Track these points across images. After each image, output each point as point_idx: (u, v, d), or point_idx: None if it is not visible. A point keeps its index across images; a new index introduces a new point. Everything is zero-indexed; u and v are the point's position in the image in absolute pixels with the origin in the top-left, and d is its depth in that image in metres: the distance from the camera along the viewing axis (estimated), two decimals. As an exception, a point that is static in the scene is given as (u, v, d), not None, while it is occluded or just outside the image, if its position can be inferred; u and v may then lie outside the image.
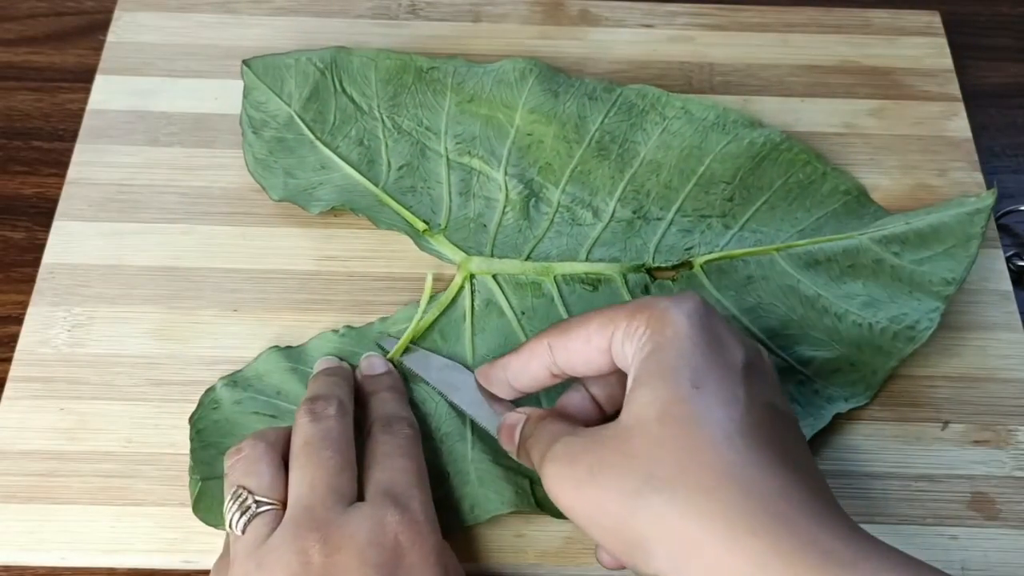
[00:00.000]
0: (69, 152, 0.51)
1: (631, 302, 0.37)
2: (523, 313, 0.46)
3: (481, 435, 0.42)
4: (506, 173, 0.49)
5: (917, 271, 0.45)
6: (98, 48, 0.55)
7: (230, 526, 0.36)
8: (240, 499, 0.36)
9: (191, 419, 0.42)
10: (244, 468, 0.37)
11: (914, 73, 0.56)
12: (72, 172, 0.50)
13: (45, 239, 0.48)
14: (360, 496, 0.37)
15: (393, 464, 0.38)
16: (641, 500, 0.31)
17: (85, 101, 0.53)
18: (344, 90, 0.51)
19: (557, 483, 0.34)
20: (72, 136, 0.52)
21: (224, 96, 0.52)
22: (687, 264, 0.47)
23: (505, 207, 0.48)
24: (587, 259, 0.47)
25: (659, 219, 0.48)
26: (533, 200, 0.49)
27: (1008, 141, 0.56)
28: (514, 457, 0.39)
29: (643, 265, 0.47)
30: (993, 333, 0.47)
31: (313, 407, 0.39)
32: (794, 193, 0.49)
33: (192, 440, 0.42)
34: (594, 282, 0.47)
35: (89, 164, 0.51)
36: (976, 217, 0.45)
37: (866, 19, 0.58)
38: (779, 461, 0.32)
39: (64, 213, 0.49)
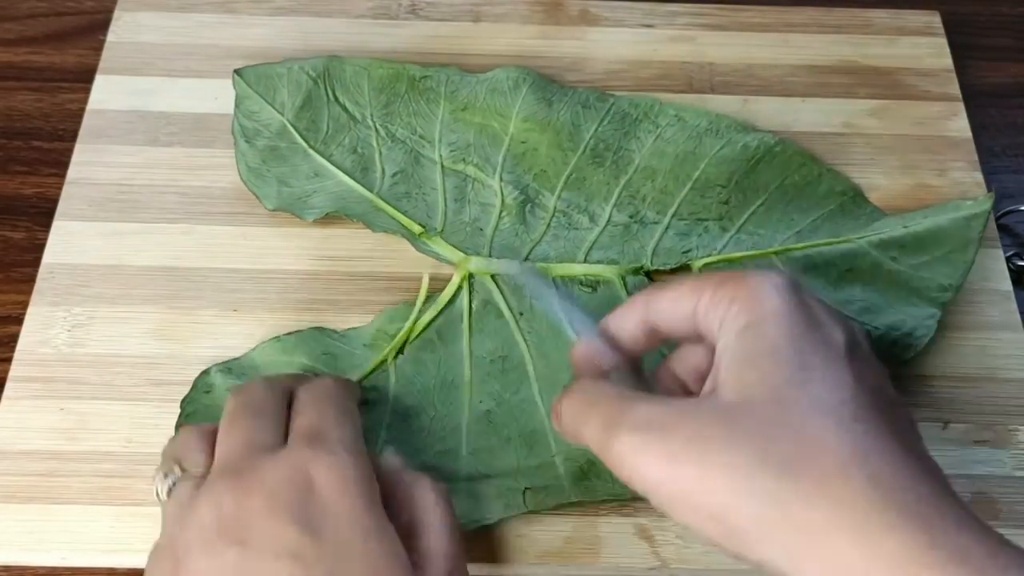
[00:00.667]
0: (69, 152, 0.51)
1: (720, 273, 0.35)
2: (521, 314, 0.46)
3: (475, 455, 0.42)
4: (501, 179, 0.49)
5: (915, 276, 0.45)
6: (98, 48, 0.55)
7: (157, 496, 0.36)
8: (165, 469, 0.36)
9: (183, 402, 0.43)
10: (173, 447, 0.37)
11: (914, 73, 0.56)
12: (72, 172, 0.50)
13: (45, 239, 0.48)
14: None
15: (312, 409, 0.37)
16: (756, 482, 0.29)
17: (85, 101, 0.53)
18: (337, 99, 0.51)
19: (639, 456, 0.31)
20: (72, 136, 0.52)
21: (224, 96, 0.52)
22: (685, 267, 0.47)
23: (501, 212, 0.48)
24: (585, 261, 0.47)
25: (655, 223, 0.48)
26: (529, 205, 0.49)
27: (1008, 141, 0.56)
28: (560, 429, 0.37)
29: (642, 267, 0.47)
30: (993, 333, 0.47)
31: (238, 387, 0.39)
32: (790, 195, 0.49)
33: (178, 427, 0.42)
34: (593, 283, 0.47)
35: (89, 164, 0.51)
36: (974, 222, 0.45)
37: (866, 19, 0.58)
38: (900, 449, 0.29)
39: (64, 213, 0.49)
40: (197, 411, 0.42)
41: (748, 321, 0.32)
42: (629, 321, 0.37)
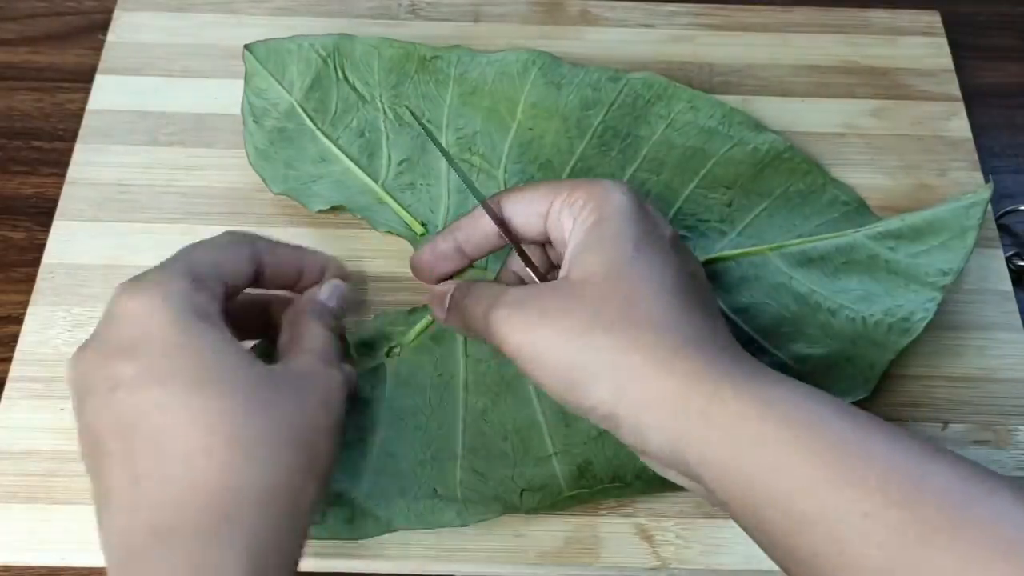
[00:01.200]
0: (69, 152, 0.51)
1: (571, 180, 0.42)
2: None
3: (472, 454, 0.42)
4: (505, 171, 0.49)
5: (913, 264, 0.45)
6: (98, 48, 0.55)
7: None
8: None
9: None
10: None
11: (914, 73, 0.56)
12: (72, 172, 0.50)
13: (45, 239, 0.48)
14: None
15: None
16: (588, 337, 0.35)
17: (85, 101, 0.53)
18: (346, 78, 0.51)
19: (507, 325, 0.37)
20: (72, 136, 0.52)
21: (224, 96, 0.52)
22: None
23: None
24: None
25: None
26: None
27: (1008, 141, 0.56)
28: (441, 323, 0.43)
29: None
30: (993, 333, 0.47)
31: None
32: (794, 202, 0.49)
33: None
34: None
35: (89, 164, 0.51)
36: (972, 210, 0.45)
37: (866, 19, 0.58)
38: (700, 313, 0.37)
39: (64, 213, 0.49)
40: None
41: (597, 217, 0.38)
42: (481, 228, 0.42)
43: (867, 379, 0.44)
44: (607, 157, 0.50)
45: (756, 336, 0.45)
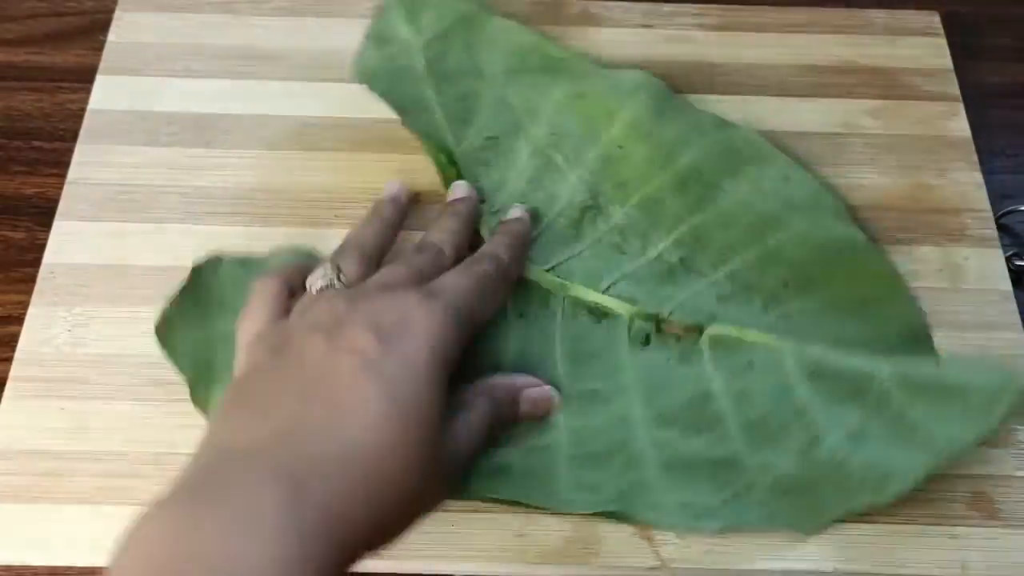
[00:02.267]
0: (69, 152, 0.51)
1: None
2: (521, 315, 0.46)
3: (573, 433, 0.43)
4: (579, 179, 0.49)
5: (922, 424, 0.41)
6: (98, 48, 0.55)
7: (308, 287, 0.41)
8: (326, 270, 0.41)
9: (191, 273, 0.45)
10: (339, 256, 0.43)
11: (914, 73, 0.56)
12: (72, 172, 0.50)
13: (45, 239, 0.48)
14: None
15: (465, 272, 0.41)
16: None
17: (85, 101, 0.53)
18: (470, 46, 0.52)
19: None
20: (72, 136, 0.52)
21: (225, 96, 0.52)
22: (698, 328, 0.45)
23: (561, 212, 0.48)
24: (606, 291, 0.46)
25: (701, 274, 0.46)
26: (592, 213, 0.48)
27: (1008, 141, 0.56)
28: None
29: (656, 316, 0.45)
30: (993, 333, 0.47)
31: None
32: (854, 306, 0.46)
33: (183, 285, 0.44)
34: (600, 315, 0.46)
35: (89, 164, 0.51)
36: (1001, 396, 0.40)
37: (866, 19, 0.58)
38: None
39: (64, 213, 0.49)
40: (190, 287, 0.45)
41: None
42: None
43: (813, 522, 0.41)
44: (681, 197, 0.48)
45: (736, 432, 0.42)
